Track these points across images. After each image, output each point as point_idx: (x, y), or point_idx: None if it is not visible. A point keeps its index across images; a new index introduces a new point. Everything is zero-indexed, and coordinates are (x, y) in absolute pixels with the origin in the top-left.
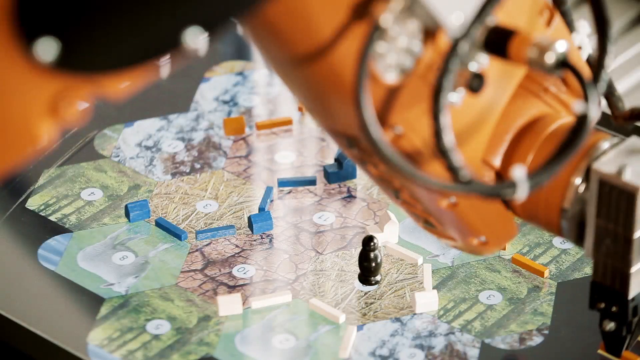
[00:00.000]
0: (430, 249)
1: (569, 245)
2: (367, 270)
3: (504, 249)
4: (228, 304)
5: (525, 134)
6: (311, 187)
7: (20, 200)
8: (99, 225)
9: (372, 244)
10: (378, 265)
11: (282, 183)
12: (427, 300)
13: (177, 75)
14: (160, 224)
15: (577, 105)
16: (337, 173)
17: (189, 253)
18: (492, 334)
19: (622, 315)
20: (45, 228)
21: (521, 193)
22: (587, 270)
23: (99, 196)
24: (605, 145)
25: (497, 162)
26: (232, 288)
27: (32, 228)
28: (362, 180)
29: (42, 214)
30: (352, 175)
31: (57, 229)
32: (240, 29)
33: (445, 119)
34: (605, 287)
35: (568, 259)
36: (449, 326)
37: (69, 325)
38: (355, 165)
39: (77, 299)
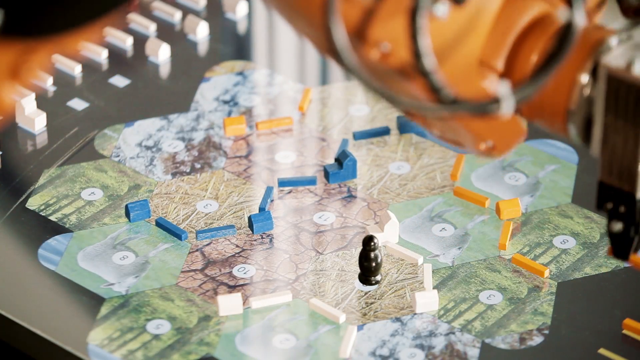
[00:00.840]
0: (431, 249)
1: (569, 245)
2: (368, 270)
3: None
4: (228, 304)
5: (528, 34)
6: (311, 187)
7: (21, 200)
8: (99, 225)
9: (372, 243)
10: (378, 265)
11: (283, 183)
12: (428, 300)
13: (178, 75)
14: (161, 224)
15: (562, 13)
16: (337, 173)
17: (189, 253)
18: (493, 334)
19: (630, 215)
20: (45, 228)
21: (506, 109)
22: (587, 270)
23: (99, 196)
24: (613, 41)
25: (499, 64)
26: (232, 288)
27: (32, 228)
28: (362, 180)
29: (42, 213)
30: (352, 175)
31: (58, 229)
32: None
33: (424, 40)
34: (613, 187)
35: (568, 259)
36: (449, 326)
37: (69, 325)
38: (355, 165)
39: (77, 299)
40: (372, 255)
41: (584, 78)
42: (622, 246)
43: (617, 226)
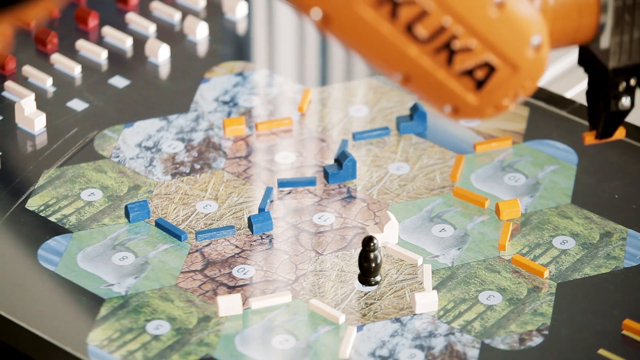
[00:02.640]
0: (430, 250)
1: (568, 246)
2: (367, 270)
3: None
4: (228, 305)
5: None
6: (311, 188)
7: (20, 200)
8: (99, 226)
9: (372, 244)
10: (378, 265)
11: (282, 183)
12: (427, 301)
13: (177, 76)
14: (160, 225)
15: None
16: (337, 173)
17: (189, 253)
18: (492, 335)
19: None
20: (45, 228)
21: None
22: (587, 270)
23: (98, 197)
24: None
25: None
26: (232, 288)
27: (32, 228)
28: (362, 181)
29: (42, 214)
30: (352, 176)
31: (57, 230)
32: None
33: None
34: (623, 69)
35: (568, 259)
36: (449, 327)
37: (69, 326)
38: (355, 166)
39: (77, 299)
40: (372, 255)
41: None
42: (614, 123)
43: (627, 101)
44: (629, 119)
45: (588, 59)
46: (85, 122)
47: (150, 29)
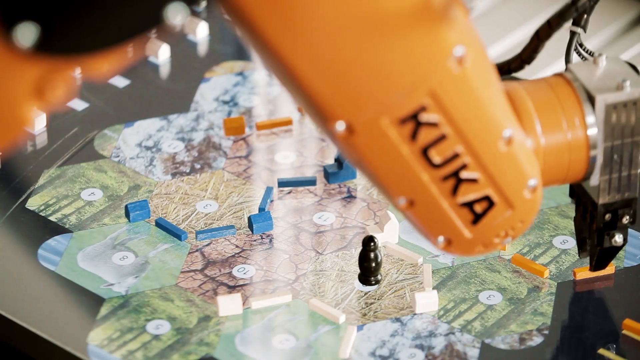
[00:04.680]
0: (431, 249)
1: (569, 245)
2: (367, 270)
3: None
4: (228, 304)
5: None
6: (311, 187)
7: (21, 200)
8: (99, 226)
9: (372, 244)
10: (378, 265)
11: (282, 183)
12: (427, 301)
13: (177, 76)
14: (160, 224)
15: None
16: (337, 173)
17: (189, 253)
18: (492, 334)
19: (633, 217)
20: (45, 228)
21: None
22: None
23: (99, 196)
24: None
25: None
26: (232, 288)
27: (32, 228)
28: (362, 181)
29: (42, 214)
30: (352, 176)
31: (57, 229)
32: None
33: None
34: (613, 204)
35: (568, 259)
36: (449, 326)
37: (69, 326)
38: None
39: (77, 299)
40: (372, 255)
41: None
42: (608, 257)
43: (620, 238)
44: None
45: (579, 193)
46: (85, 121)
47: None
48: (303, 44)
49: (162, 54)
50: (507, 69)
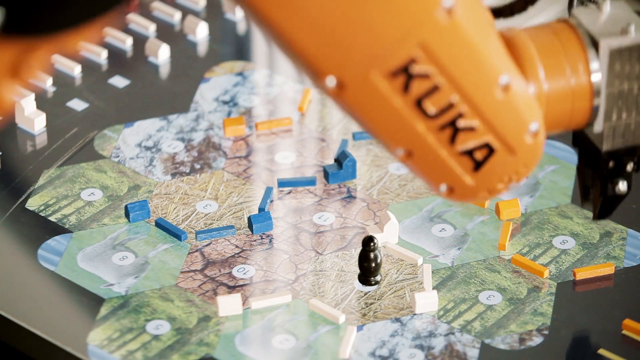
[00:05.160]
0: (430, 250)
1: (568, 245)
2: (367, 270)
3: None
4: (228, 305)
5: None
6: (311, 188)
7: (20, 200)
8: (99, 226)
9: (372, 244)
10: (378, 265)
11: (282, 183)
12: (427, 301)
13: (177, 76)
14: (160, 225)
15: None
16: (337, 173)
17: (189, 253)
18: (492, 335)
19: (638, 165)
20: (45, 228)
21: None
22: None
23: (98, 196)
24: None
25: None
26: (232, 288)
27: (32, 228)
28: (362, 181)
29: (42, 214)
30: (352, 176)
31: (57, 230)
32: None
33: None
34: (617, 151)
35: (568, 259)
36: (449, 326)
37: (69, 326)
38: (355, 166)
39: (77, 299)
40: (372, 255)
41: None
42: (612, 206)
43: (624, 186)
44: None
45: (582, 140)
46: (85, 122)
47: (150, 28)
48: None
49: (162, 54)
50: (510, 11)
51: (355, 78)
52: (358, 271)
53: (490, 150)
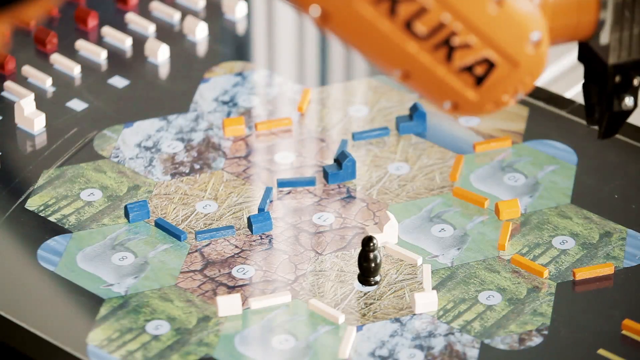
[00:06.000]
0: (430, 250)
1: (568, 245)
2: (367, 270)
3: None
4: (227, 305)
5: None
6: (310, 188)
7: (20, 200)
8: (99, 226)
9: (371, 244)
10: (377, 265)
11: (282, 183)
12: (427, 301)
13: (177, 76)
14: (160, 225)
15: None
16: (337, 174)
17: (189, 253)
18: (492, 335)
19: None
20: (44, 229)
21: None
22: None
23: (98, 197)
24: None
25: None
26: (231, 288)
27: (31, 229)
28: (361, 181)
29: (41, 214)
30: (352, 176)
31: (57, 230)
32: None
33: None
34: (623, 65)
35: (567, 259)
36: (449, 327)
37: (68, 326)
38: (354, 166)
39: (76, 299)
40: (372, 255)
41: None
42: (617, 123)
43: (630, 101)
44: (629, 118)
45: (588, 55)
46: (84, 122)
47: (150, 29)
48: None
49: (161, 54)
50: None
51: (339, 7)
52: (358, 271)
53: (490, 64)
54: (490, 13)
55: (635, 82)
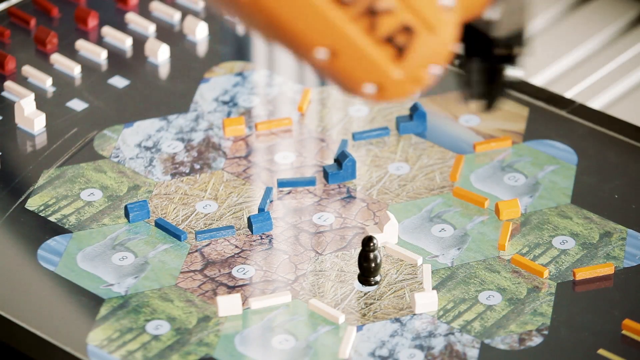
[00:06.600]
0: (430, 250)
1: (568, 246)
2: (367, 270)
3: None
4: (227, 305)
5: None
6: (311, 188)
7: (20, 200)
8: (99, 226)
9: (371, 244)
10: (378, 265)
11: (282, 183)
12: (427, 301)
13: (177, 76)
14: (160, 225)
15: None
16: (337, 174)
17: (189, 253)
18: (492, 335)
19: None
20: (44, 229)
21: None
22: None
23: (98, 197)
24: None
25: None
26: (231, 288)
27: (31, 229)
28: (361, 181)
29: (41, 214)
30: (352, 176)
31: (57, 230)
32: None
33: None
34: (506, 37)
35: (567, 259)
36: (449, 327)
37: (68, 326)
38: (354, 166)
39: (76, 299)
40: (372, 255)
41: None
42: (500, 94)
43: (514, 71)
44: (629, 118)
45: (470, 33)
46: (85, 122)
47: (150, 29)
48: None
49: (161, 54)
50: None
51: None
52: (358, 271)
53: (409, 32)
54: None
55: (517, 52)
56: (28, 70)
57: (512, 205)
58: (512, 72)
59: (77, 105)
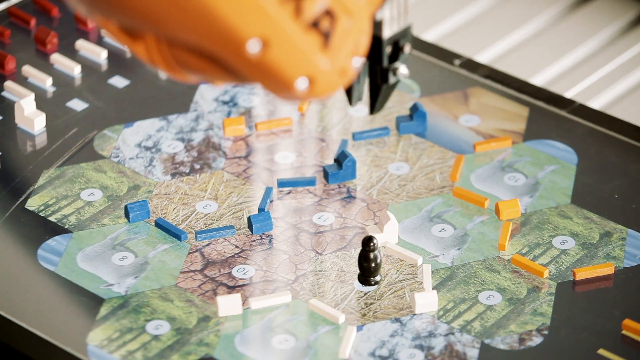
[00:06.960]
0: (430, 250)
1: (568, 245)
2: (367, 270)
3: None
4: (228, 305)
5: None
6: (311, 188)
7: (20, 200)
8: (99, 226)
9: (371, 244)
10: (378, 265)
11: (282, 183)
12: (427, 301)
13: None
14: (160, 225)
15: None
16: (337, 173)
17: (189, 253)
18: (492, 335)
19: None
20: (44, 228)
21: None
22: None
23: (98, 197)
24: None
25: None
26: (231, 288)
27: (31, 228)
28: (361, 181)
29: (41, 214)
30: (352, 176)
31: (57, 230)
32: None
33: None
34: (394, 36)
35: (567, 259)
36: (449, 326)
37: (68, 326)
38: (354, 166)
39: (76, 299)
40: (372, 255)
41: None
42: (388, 93)
43: (405, 69)
44: (629, 118)
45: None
46: (85, 122)
47: None
48: None
49: None
50: None
51: None
52: (358, 271)
53: (331, 17)
54: None
55: (407, 49)
56: (28, 70)
57: (512, 205)
58: (403, 70)
59: (77, 105)
